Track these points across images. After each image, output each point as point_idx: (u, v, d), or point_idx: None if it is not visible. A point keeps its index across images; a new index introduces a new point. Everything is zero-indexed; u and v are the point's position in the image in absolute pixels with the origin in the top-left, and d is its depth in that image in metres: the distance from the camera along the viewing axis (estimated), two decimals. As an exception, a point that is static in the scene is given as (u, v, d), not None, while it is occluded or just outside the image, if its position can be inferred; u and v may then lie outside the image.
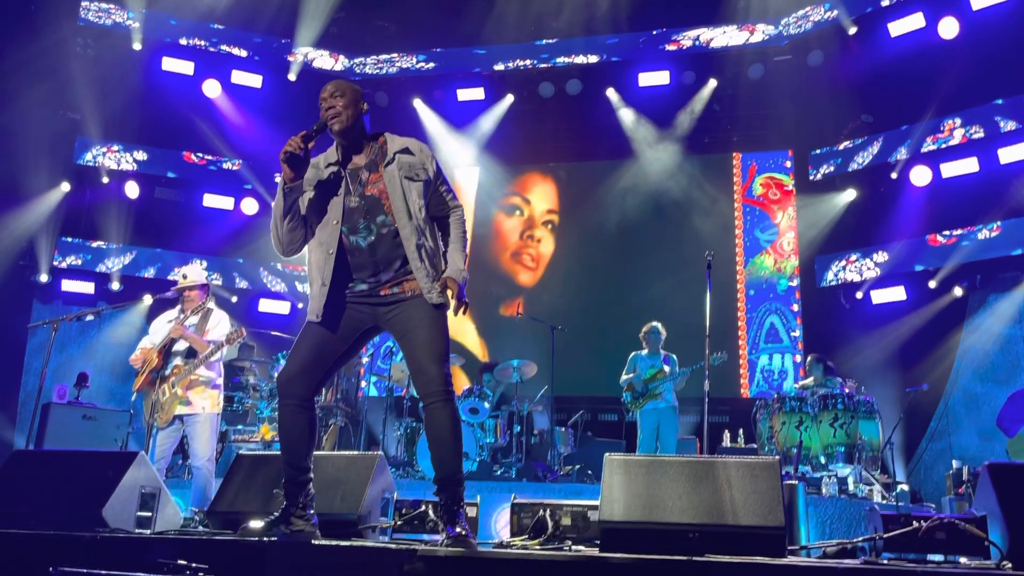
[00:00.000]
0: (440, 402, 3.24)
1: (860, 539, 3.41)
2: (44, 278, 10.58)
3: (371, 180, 3.32)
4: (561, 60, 11.60)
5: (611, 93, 11.48)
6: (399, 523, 3.97)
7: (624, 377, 8.14)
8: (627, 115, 11.46)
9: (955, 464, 7.99)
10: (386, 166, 3.34)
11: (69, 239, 10.88)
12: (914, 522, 3.22)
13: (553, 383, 8.69)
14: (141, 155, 11.26)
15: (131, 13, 10.88)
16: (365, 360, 9.99)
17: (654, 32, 11.28)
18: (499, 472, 8.20)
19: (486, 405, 8.36)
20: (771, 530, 3.06)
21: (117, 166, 11.12)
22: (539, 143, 12.19)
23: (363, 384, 11.40)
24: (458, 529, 3.12)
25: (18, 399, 10.09)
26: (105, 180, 11.01)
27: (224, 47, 11.46)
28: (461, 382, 10.31)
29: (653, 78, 11.18)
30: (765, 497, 3.12)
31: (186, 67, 11.10)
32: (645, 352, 8.13)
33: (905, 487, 7.88)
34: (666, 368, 7.95)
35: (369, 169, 3.34)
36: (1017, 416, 7.90)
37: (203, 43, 11.34)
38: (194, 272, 5.81)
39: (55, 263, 10.70)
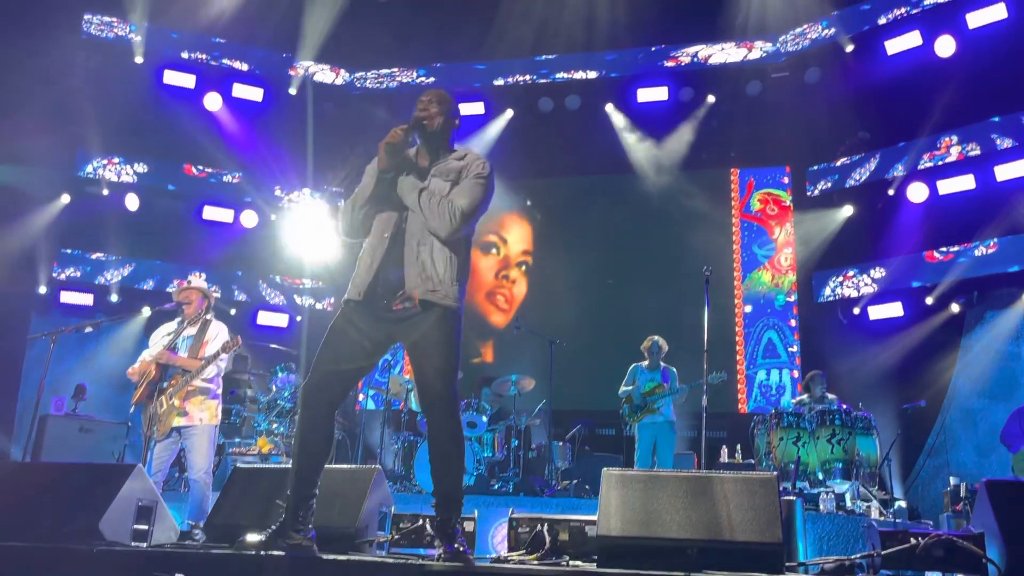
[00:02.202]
0: (445, 417, 3.23)
1: (858, 556, 3.41)
2: (43, 290, 10.58)
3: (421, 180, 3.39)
4: (561, 75, 11.66)
5: (610, 108, 11.55)
6: (396, 537, 3.96)
7: (623, 388, 8.13)
8: (626, 130, 11.52)
9: (953, 481, 7.99)
10: (438, 169, 3.41)
11: (68, 251, 10.89)
12: (912, 539, 3.22)
13: (551, 397, 8.69)
14: (141, 167, 11.29)
15: (133, 27, 10.94)
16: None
17: (653, 48, 11.35)
18: (496, 486, 8.18)
19: (484, 419, 8.36)
20: (769, 546, 3.06)
21: (117, 178, 11.15)
22: (538, 157, 12.23)
23: (361, 397, 11.39)
24: (456, 544, 3.12)
25: (15, 411, 10.06)
26: (105, 192, 11.03)
27: (225, 61, 11.52)
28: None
29: (652, 94, 11.25)
30: (763, 513, 3.13)
31: (187, 80, 11.13)
32: (645, 364, 8.13)
33: (903, 503, 7.88)
34: (665, 385, 7.95)
35: (426, 170, 3.41)
36: (1020, 433, 7.91)
37: (204, 57, 11.40)
38: (199, 280, 5.86)
39: (54, 275, 10.71)
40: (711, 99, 11.23)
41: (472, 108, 11.78)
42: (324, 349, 3.32)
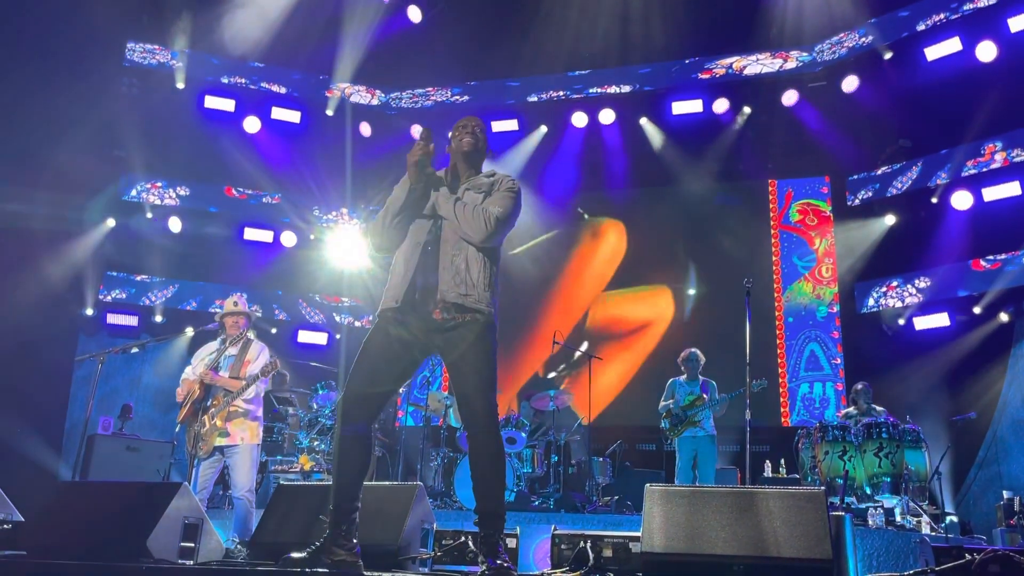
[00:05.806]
0: (484, 434, 3.23)
1: (911, 572, 3.33)
2: (90, 311, 10.82)
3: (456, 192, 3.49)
4: (594, 90, 11.66)
5: (645, 122, 11.52)
6: (439, 554, 3.95)
7: (662, 404, 8.03)
8: (661, 144, 11.47)
9: (1006, 495, 7.77)
10: (471, 184, 3.51)
11: (114, 273, 11.13)
12: (966, 555, 3.13)
13: (590, 412, 8.64)
14: (184, 190, 11.51)
15: (175, 53, 11.20)
16: (402, 390, 10.01)
17: (687, 61, 11.31)
18: (537, 503, 8.14)
19: (523, 435, 8.34)
20: (818, 563, 3.00)
21: (161, 201, 11.38)
22: (573, 173, 12.24)
23: (400, 414, 11.44)
24: (499, 560, 3.10)
25: (64, 430, 10.27)
26: (149, 215, 11.26)
27: (264, 84, 11.73)
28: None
29: (686, 106, 11.20)
30: (811, 529, 3.07)
31: (227, 104, 11.37)
32: (683, 378, 8.03)
33: (954, 518, 7.68)
34: (705, 397, 7.84)
35: (459, 185, 3.52)
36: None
37: (243, 81, 11.62)
38: (243, 301, 5.97)
39: (100, 296, 10.94)
40: (747, 110, 11.15)
41: (506, 125, 11.84)
42: (360, 364, 3.34)
